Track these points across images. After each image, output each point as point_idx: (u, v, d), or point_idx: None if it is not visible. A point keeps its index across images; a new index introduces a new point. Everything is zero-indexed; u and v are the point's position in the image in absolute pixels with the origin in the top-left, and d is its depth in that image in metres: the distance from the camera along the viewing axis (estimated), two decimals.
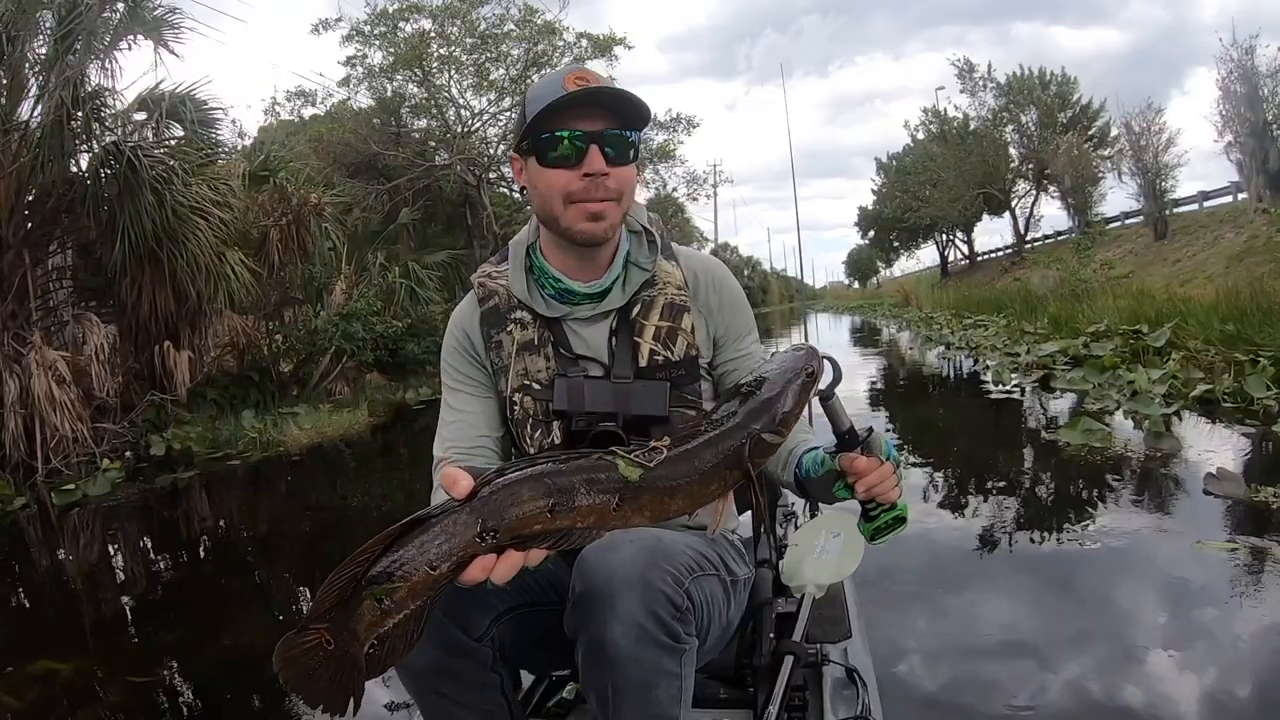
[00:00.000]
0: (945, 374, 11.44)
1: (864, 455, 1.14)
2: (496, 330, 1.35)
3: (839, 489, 1.19)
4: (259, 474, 7.20)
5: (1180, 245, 15.44)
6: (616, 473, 0.93)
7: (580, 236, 1.27)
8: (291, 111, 18.61)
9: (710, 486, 0.99)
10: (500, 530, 0.88)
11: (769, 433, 1.02)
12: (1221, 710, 2.21)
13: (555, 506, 0.89)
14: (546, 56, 18.25)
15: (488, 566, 0.88)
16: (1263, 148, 12.77)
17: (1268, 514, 3.69)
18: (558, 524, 0.90)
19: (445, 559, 0.86)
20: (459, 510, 0.87)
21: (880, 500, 1.16)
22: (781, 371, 1.06)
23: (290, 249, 10.05)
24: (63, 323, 8.27)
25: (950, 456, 5.94)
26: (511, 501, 0.88)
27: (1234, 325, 7.73)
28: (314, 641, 0.87)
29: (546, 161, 1.24)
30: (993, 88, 25.87)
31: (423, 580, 0.86)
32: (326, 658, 0.87)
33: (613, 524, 0.94)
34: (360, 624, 0.86)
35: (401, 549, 0.85)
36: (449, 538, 0.86)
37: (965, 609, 3.05)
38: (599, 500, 0.92)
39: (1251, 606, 2.83)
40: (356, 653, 0.87)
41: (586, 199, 1.23)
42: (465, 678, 1.21)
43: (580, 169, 1.22)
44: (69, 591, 4.43)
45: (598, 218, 1.24)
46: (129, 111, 8.53)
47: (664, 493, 0.95)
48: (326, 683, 0.88)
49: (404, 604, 0.86)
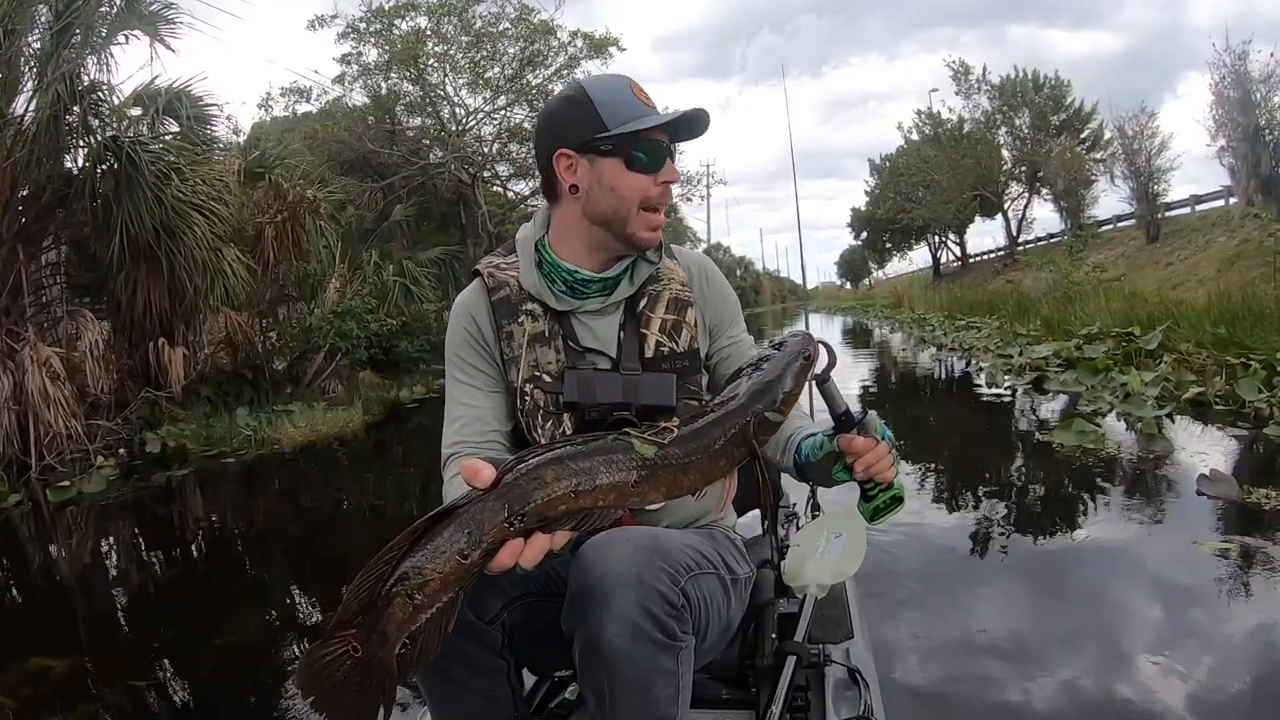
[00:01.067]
0: (939, 375, 11.49)
1: (860, 436, 1.18)
2: (508, 320, 1.37)
3: (838, 470, 1.22)
4: (255, 472, 7.19)
5: (1172, 248, 15.52)
6: (633, 451, 0.98)
7: (642, 243, 1.35)
8: (286, 108, 18.55)
9: (719, 463, 1.04)
10: (527, 514, 0.90)
11: (771, 411, 1.08)
12: (1217, 702, 2.24)
13: (578, 487, 0.93)
14: (542, 55, 18.23)
15: (516, 551, 0.91)
16: (1255, 152, 12.84)
17: (1261, 515, 3.73)
18: (581, 504, 0.94)
19: (476, 546, 0.87)
20: (485, 498, 0.89)
21: (877, 479, 1.20)
22: (780, 355, 1.13)
23: (285, 246, 10.01)
24: (56, 319, 8.23)
25: (947, 457, 5.97)
26: (536, 485, 0.90)
27: (1225, 328, 7.77)
28: (340, 650, 0.86)
29: (634, 165, 1.30)
30: (987, 90, 25.95)
31: (455, 570, 0.87)
32: (354, 666, 0.86)
33: (631, 500, 0.98)
34: (391, 624, 0.86)
35: (430, 541, 0.86)
36: (477, 525, 0.88)
37: (965, 608, 3.07)
38: (618, 478, 0.96)
39: (1247, 605, 2.87)
40: (388, 656, 0.87)
41: (658, 206, 1.33)
42: (474, 661, 1.23)
43: (658, 176, 1.31)
44: (63, 589, 4.42)
45: (657, 226, 1.34)
46: (125, 107, 8.49)
47: (678, 469, 1.00)
48: (355, 693, 0.87)
49: (436, 596, 0.87)
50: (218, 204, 8.37)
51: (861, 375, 11.13)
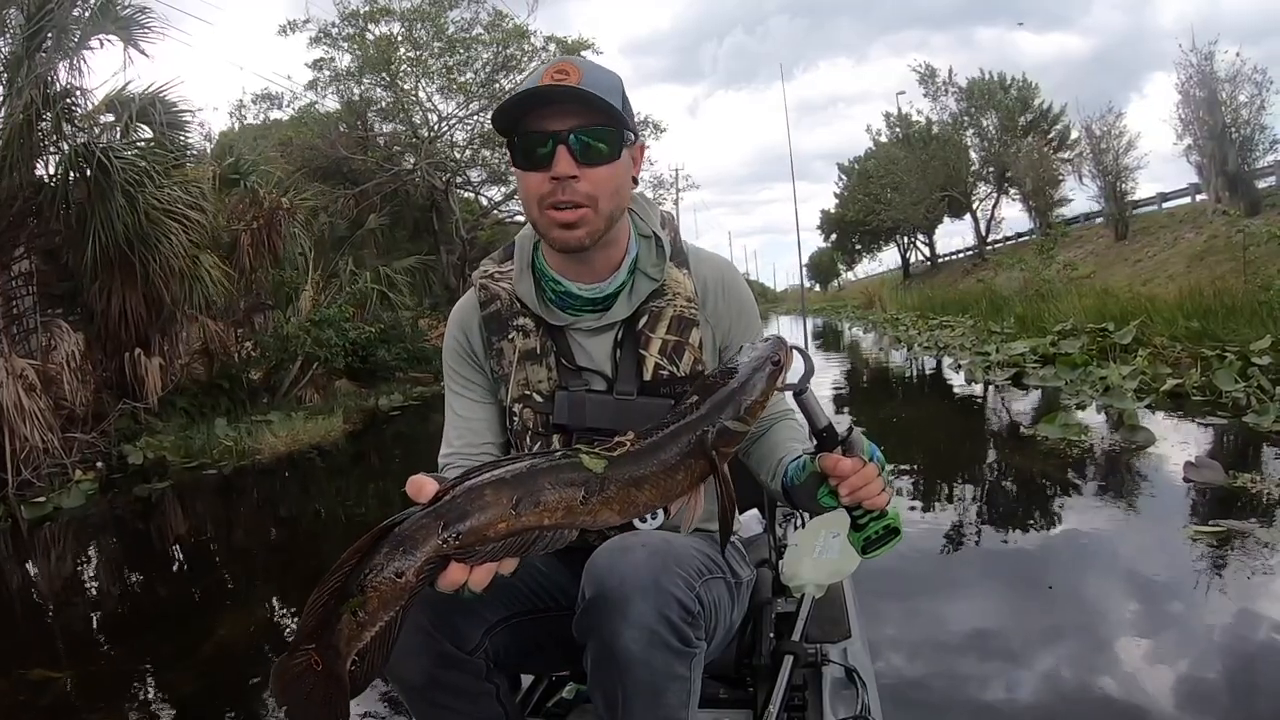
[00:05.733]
0: (917, 374, 11.61)
1: (846, 456, 1.08)
2: (498, 337, 1.31)
3: (823, 495, 1.12)
4: (236, 483, 7.07)
5: (1141, 245, 15.81)
6: (581, 467, 0.91)
7: (556, 244, 1.22)
8: (257, 114, 18.37)
9: (677, 477, 0.96)
10: (464, 532, 0.86)
11: (733, 421, 0.98)
12: (1214, 682, 2.30)
13: (519, 503, 0.88)
14: (515, 60, 18.21)
15: (463, 571, 0.87)
16: (1221, 150, 13.12)
17: (1247, 498, 3.81)
18: (524, 521, 0.88)
19: (410, 566, 0.85)
20: (422, 516, 0.86)
21: (866, 506, 1.09)
22: (747, 361, 1.03)
23: (262, 253, 9.91)
24: (30, 330, 8.04)
25: (933, 452, 6.02)
26: (474, 502, 0.87)
27: (1199, 322, 7.95)
28: (304, 664, 0.86)
29: (519, 163, 1.20)
30: (954, 92, 26.27)
31: (391, 589, 0.85)
32: (317, 680, 0.86)
33: (582, 519, 0.91)
34: (340, 640, 0.85)
35: (370, 559, 0.85)
36: (413, 544, 0.85)
37: (965, 599, 3.10)
38: (565, 495, 0.90)
39: (1246, 585, 2.93)
40: (341, 671, 0.86)
41: (555, 204, 1.17)
42: (460, 689, 1.21)
43: (550, 171, 1.16)
44: (37, 607, 4.31)
45: (570, 226, 1.18)
46: (97, 113, 8.35)
47: (630, 484, 0.93)
48: (320, 706, 0.87)
49: (377, 615, 0.85)
50: (194, 211, 8.24)
51: (835, 378, 11.17)
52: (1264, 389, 5.93)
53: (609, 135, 1.17)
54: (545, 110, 1.15)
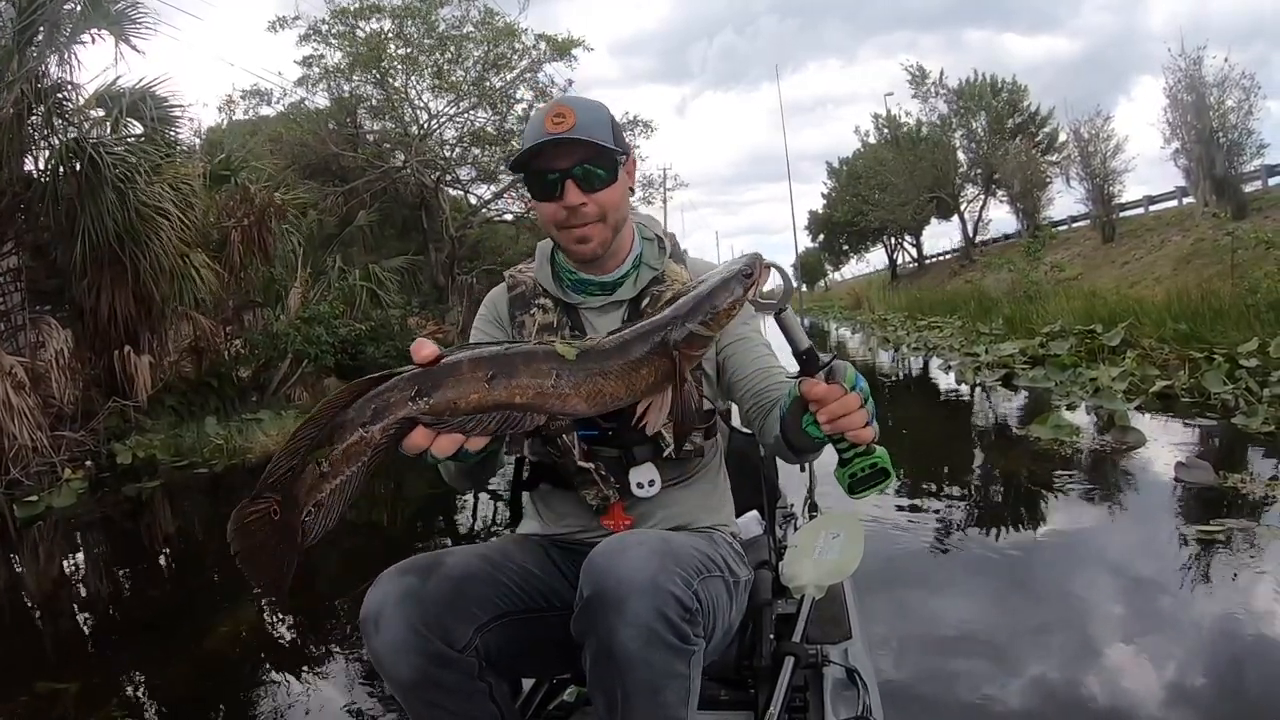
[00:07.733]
0: (907, 374, 11.65)
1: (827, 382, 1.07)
2: (521, 312, 1.50)
3: (808, 423, 1.09)
4: (226, 482, 7.01)
5: (1128, 248, 15.90)
6: (554, 354, 0.97)
7: (575, 256, 1.44)
8: (247, 111, 18.20)
9: (641, 372, 1.00)
10: (436, 399, 0.90)
11: (698, 325, 1.01)
12: (1212, 670, 2.35)
13: (493, 378, 0.93)
14: (505, 58, 18.14)
15: (428, 436, 0.91)
16: (1209, 154, 13.20)
17: (1237, 498, 3.86)
18: (495, 396, 0.93)
19: (377, 421, 0.88)
20: (400, 379, 0.90)
21: (850, 438, 1.07)
22: (720, 271, 1.06)
23: (252, 250, 9.83)
24: (18, 326, 7.97)
25: (926, 453, 6.06)
26: (449, 372, 0.91)
27: (1187, 324, 8.01)
28: (263, 511, 0.89)
29: (535, 195, 1.41)
30: (944, 94, 26.30)
31: (356, 443, 0.88)
32: (272, 529, 0.89)
33: (551, 403, 0.97)
34: (301, 489, 0.88)
35: (343, 414, 0.88)
36: (384, 404, 0.89)
37: (969, 593, 3.13)
38: (536, 376, 0.95)
39: (1240, 581, 2.98)
40: (295, 521, 0.89)
41: (570, 226, 1.38)
42: (452, 687, 1.23)
43: (560, 203, 1.36)
44: (34, 610, 4.27)
45: (584, 240, 1.40)
46: (87, 108, 8.27)
47: (598, 374, 0.98)
48: (269, 556, 0.90)
49: (339, 468, 0.89)
50: (184, 208, 8.18)
51: None
52: (1252, 391, 6.00)
53: (606, 163, 1.37)
54: (554, 151, 1.34)
